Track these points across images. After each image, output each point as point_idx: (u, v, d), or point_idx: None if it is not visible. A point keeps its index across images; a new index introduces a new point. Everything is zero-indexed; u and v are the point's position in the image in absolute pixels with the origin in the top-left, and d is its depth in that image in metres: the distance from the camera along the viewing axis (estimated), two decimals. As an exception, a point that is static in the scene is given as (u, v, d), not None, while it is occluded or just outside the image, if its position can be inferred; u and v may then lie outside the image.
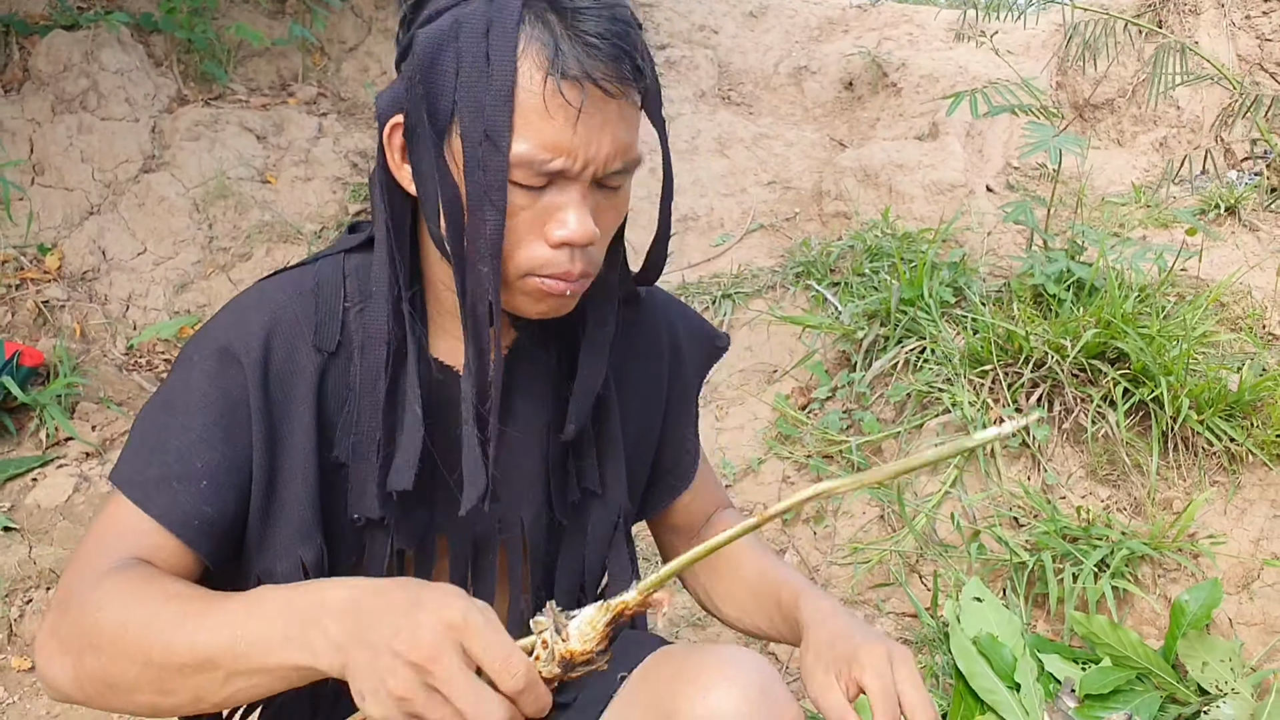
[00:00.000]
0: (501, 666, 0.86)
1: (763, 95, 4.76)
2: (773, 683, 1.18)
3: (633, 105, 1.06)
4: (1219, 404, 2.54)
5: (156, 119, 3.87)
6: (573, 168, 1.03)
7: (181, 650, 0.92)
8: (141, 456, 1.09)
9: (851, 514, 2.63)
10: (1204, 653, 2.11)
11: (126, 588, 0.98)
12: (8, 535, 2.60)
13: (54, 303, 3.31)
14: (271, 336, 1.13)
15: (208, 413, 1.10)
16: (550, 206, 1.05)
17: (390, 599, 0.88)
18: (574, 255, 1.06)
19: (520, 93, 1.01)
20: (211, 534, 1.09)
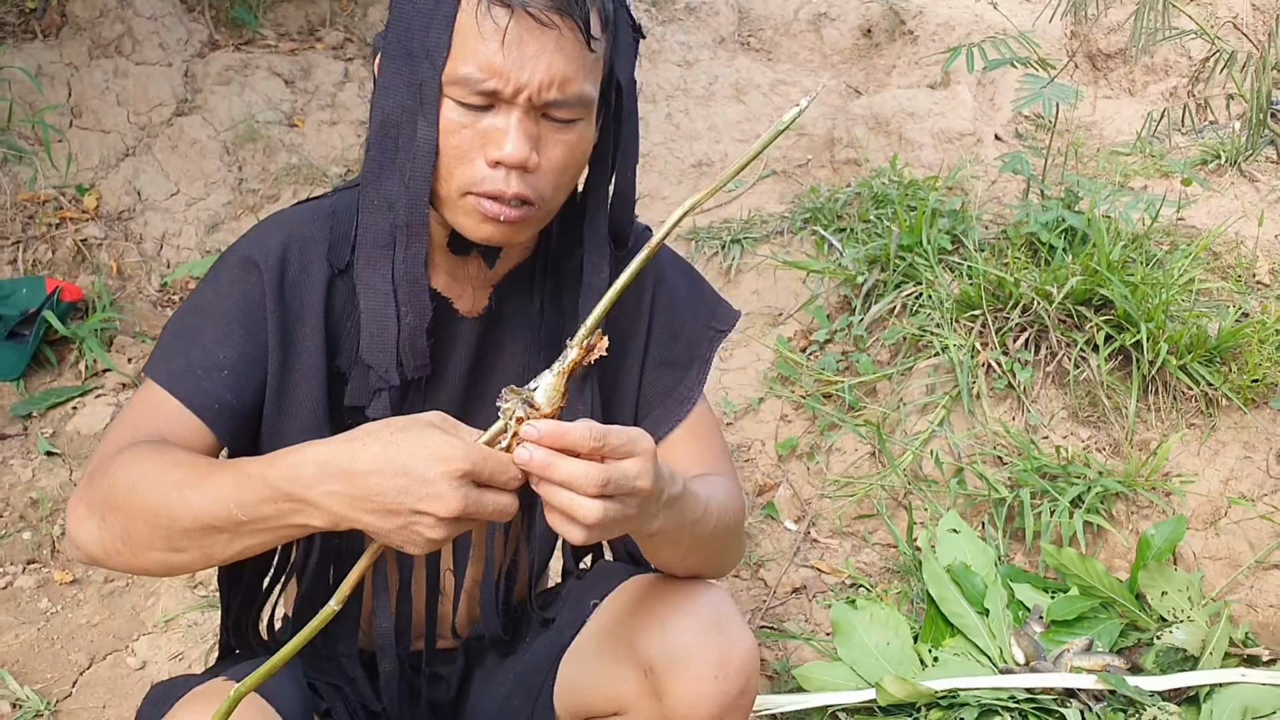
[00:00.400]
0: (504, 477, 0.99)
1: (782, 41, 4.83)
2: (728, 615, 1.29)
3: (576, 41, 1.14)
4: (1199, 349, 2.64)
5: (189, 63, 4.01)
6: (504, 89, 1.13)
7: (183, 516, 1.06)
8: (171, 350, 1.24)
9: (843, 450, 2.76)
10: (1163, 583, 2.24)
11: (139, 455, 1.12)
12: (50, 459, 2.78)
13: (92, 241, 3.48)
14: (288, 249, 1.26)
15: (231, 313, 1.24)
16: (489, 129, 1.15)
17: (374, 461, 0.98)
18: (509, 176, 1.15)
19: (461, 15, 1.13)
20: (230, 419, 1.23)
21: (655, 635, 1.27)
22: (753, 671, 1.29)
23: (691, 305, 1.46)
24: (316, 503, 1.00)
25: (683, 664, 1.25)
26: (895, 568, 2.46)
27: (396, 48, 1.17)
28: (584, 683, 1.38)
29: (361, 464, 0.98)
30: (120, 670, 2.20)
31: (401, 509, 0.97)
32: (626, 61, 1.25)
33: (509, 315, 1.38)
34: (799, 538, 2.59)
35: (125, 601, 2.37)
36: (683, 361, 1.45)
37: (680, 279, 1.47)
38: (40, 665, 2.20)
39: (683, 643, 1.25)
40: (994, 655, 2.17)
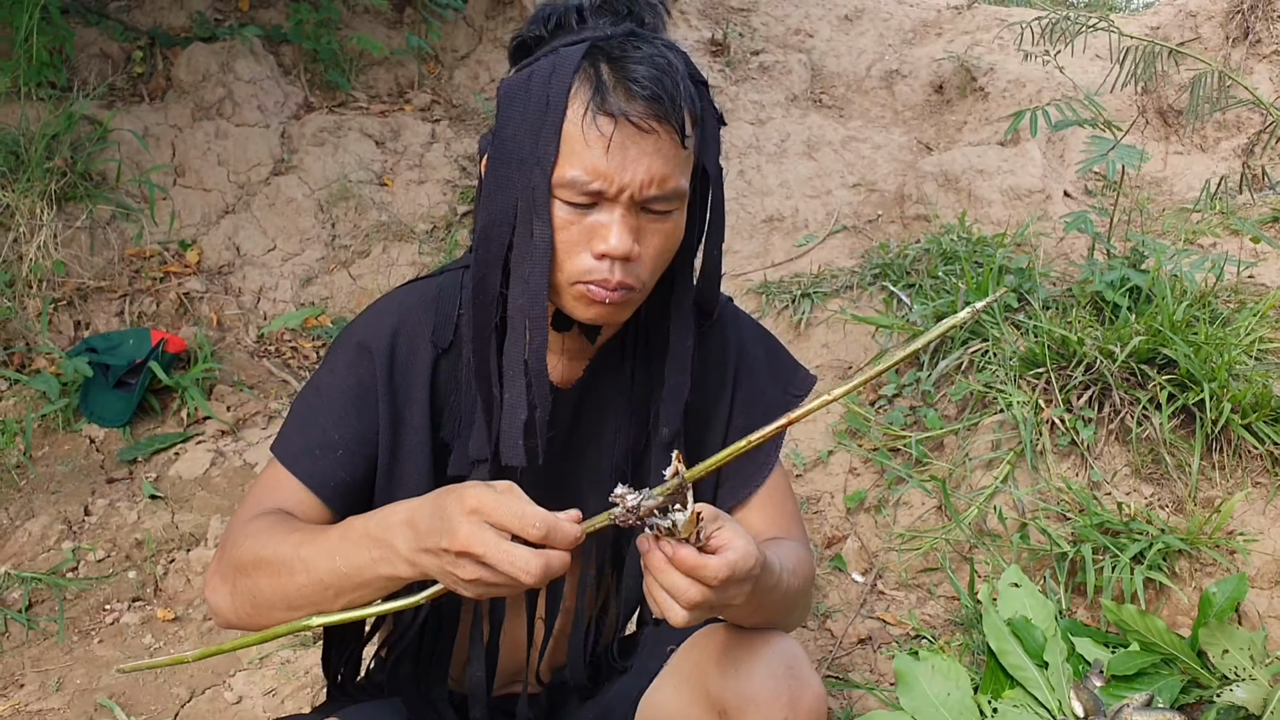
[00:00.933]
0: (519, 524, 1.07)
1: (854, 98, 4.93)
2: (799, 663, 1.37)
3: (672, 142, 1.24)
4: (1265, 408, 2.67)
5: (285, 125, 4.22)
6: (609, 190, 1.23)
7: (300, 573, 1.19)
8: (294, 430, 1.38)
9: (910, 504, 2.83)
10: (1225, 640, 2.27)
11: (265, 525, 1.26)
12: (154, 502, 2.95)
13: (194, 294, 3.68)
14: (397, 335, 1.39)
15: (345, 395, 1.37)
16: (595, 224, 1.26)
17: (430, 510, 1.11)
18: (614, 266, 1.26)
19: (568, 125, 1.23)
20: (345, 494, 1.36)
21: (730, 678, 1.35)
22: (820, 715, 1.37)
23: (771, 373, 1.55)
24: (395, 547, 1.13)
25: (754, 705, 1.33)
26: (958, 620, 2.52)
27: (505, 153, 1.27)
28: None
29: (423, 513, 1.12)
30: (218, 704, 2.34)
31: (436, 548, 1.09)
32: (713, 151, 1.34)
33: (600, 386, 1.47)
34: (866, 589, 2.66)
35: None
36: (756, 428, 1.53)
37: (759, 348, 1.56)
38: (144, 698, 2.35)
39: (755, 686, 1.33)
40: (1053, 708, 2.21)
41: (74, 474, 3.07)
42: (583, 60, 1.24)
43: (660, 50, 1.25)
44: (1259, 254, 3.41)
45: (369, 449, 1.38)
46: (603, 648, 1.63)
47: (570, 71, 1.23)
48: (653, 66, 1.23)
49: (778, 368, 1.57)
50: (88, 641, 2.52)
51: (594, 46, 1.25)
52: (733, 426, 1.52)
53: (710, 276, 1.44)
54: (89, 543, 2.81)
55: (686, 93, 1.26)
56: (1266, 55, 4.15)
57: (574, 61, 1.24)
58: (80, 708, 2.31)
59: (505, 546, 1.06)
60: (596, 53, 1.25)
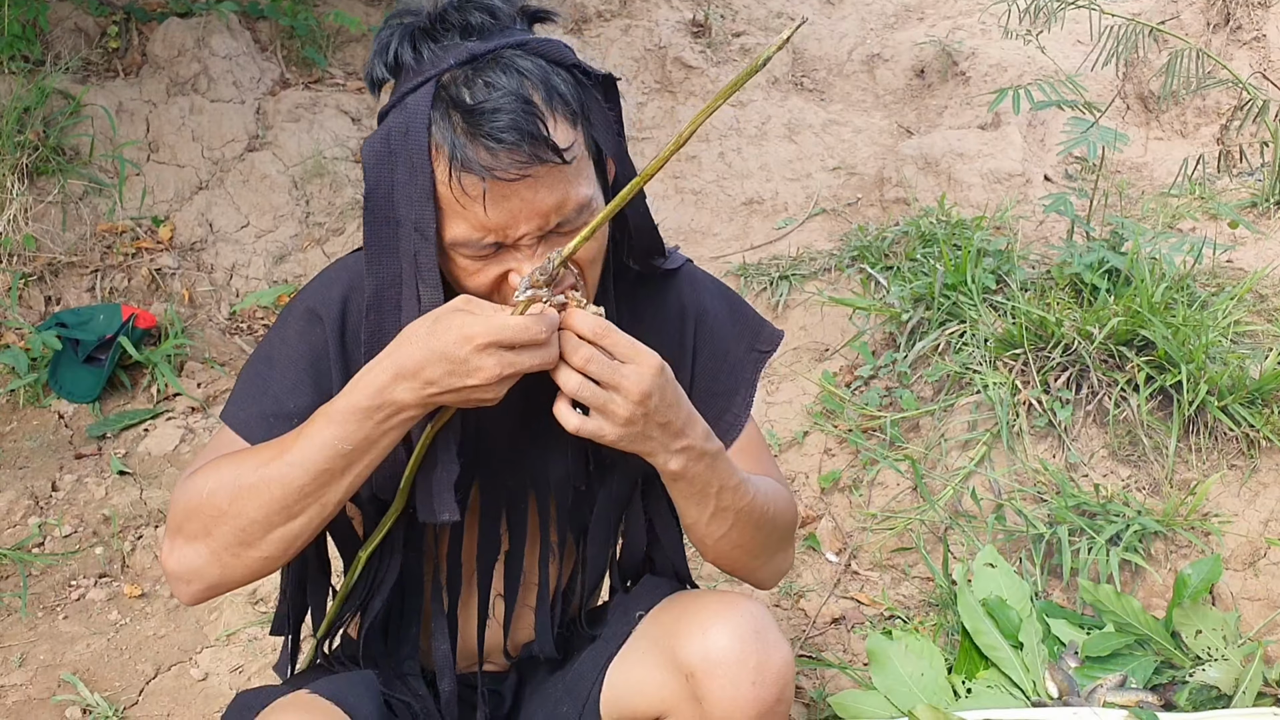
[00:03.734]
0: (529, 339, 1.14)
1: (835, 82, 4.91)
2: (766, 625, 1.37)
3: (553, 170, 1.18)
4: (1240, 391, 2.67)
5: (260, 101, 4.18)
6: (507, 239, 1.20)
7: (295, 477, 1.19)
8: (246, 398, 1.35)
9: (885, 485, 2.82)
10: (1198, 621, 2.26)
11: (221, 465, 1.24)
12: (122, 479, 2.92)
13: (166, 270, 3.64)
14: (348, 300, 1.36)
15: (299, 364, 1.35)
16: (506, 258, 1.23)
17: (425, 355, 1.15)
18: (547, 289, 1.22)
19: (439, 186, 1.19)
20: None
21: (697, 641, 1.34)
22: (788, 680, 1.36)
23: (735, 330, 1.53)
24: (401, 400, 1.17)
25: (722, 669, 1.32)
26: (932, 601, 2.51)
27: (381, 214, 1.23)
28: (629, 688, 1.46)
29: (414, 362, 1.15)
30: (184, 681, 2.31)
31: (456, 386, 1.14)
32: (607, 132, 1.28)
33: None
34: (839, 569, 2.64)
35: (190, 616, 2.49)
36: (729, 389, 1.51)
37: (721, 305, 1.53)
38: (109, 674, 2.32)
39: (722, 649, 1.33)
40: (1027, 688, 2.20)
41: (42, 449, 3.04)
42: (432, 112, 1.18)
43: (513, 74, 1.18)
44: (1237, 238, 3.41)
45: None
46: (570, 619, 1.61)
47: (422, 129, 1.18)
48: (507, 111, 1.15)
49: (743, 324, 1.54)
50: (53, 617, 2.48)
51: (440, 90, 1.18)
52: (695, 391, 1.49)
53: (644, 230, 1.41)
54: (56, 518, 2.77)
55: (556, 108, 1.20)
56: (1246, 42, 4.15)
57: (423, 116, 1.18)
58: (43, 683, 2.28)
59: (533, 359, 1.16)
60: (444, 100, 1.18)
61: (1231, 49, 4.10)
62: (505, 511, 1.49)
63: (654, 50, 4.80)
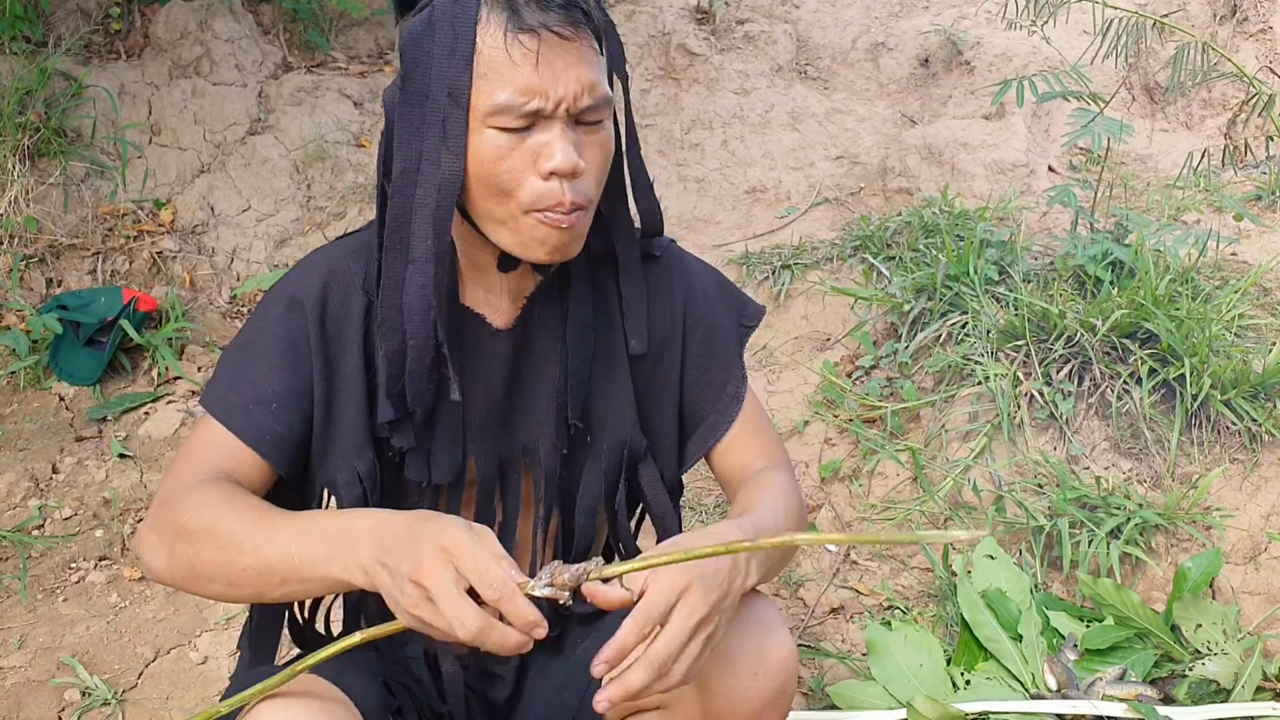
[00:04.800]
0: (480, 578, 1.06)
1: (839, 70, 4.89)
2: (771, 620, 1.36)
3: (590, 48, 1.24)
4: (1243, 385, 2.67)
5: (263, 84, 4.16)
6: (546, 106, 1.21)
7: (249, 554, 1.17)
8: (225, 385, 1.34)
9: (885, 475, 2.82)
10: (1198, 615, 2.27)
11: (214, 497, 1.23)
12: (122, 461, 2.91)
13: (167, 254, 3.63)
14: (328, 286, 1.36)
15: (277, 349, 1.34)
16: (536, 145, 1.23)
17: (403, 530, 1.11)
18: (564, 186, 1.23)
19: (488, 52, 1.21)
20: (282, 448, 1.33)
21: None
22: (791, 673, 1.36)
23: (724, 305, 1.55)
24: (355, 553, 1.12)
25: (724, 660, 1.31)
26: (931, 592, 2.51)
27: (416, 94, 1.24)
28: None
29: (393, 530, 1.11)
30: (183, 664, 2.31)
31: (395, 569, 1.08)
32: (620, 62, 1.33)
33: (540, 325, 1.44)
34: (839, 559, 2.64)
35: (189, 599, 2.48)
36: (725, 362, 1.53)
37: (709, 282, 1.55)
38: (108, 656, 2.32)
39: (726, 640, 1.30)
40: (1026, 680, 2.21)
41: (42, 431, 3.03)
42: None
43: None
44: (1241, 231, 3.40)
45: (304, 402, 1.35)
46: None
47: (475, 2, 1.21)
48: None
49: (729, 300, 1.56)
50: (52, 599, 2.48)
51: None
52: (689, 368, 1.51)
53: (642, 186, 1.42)
54: (56, 500, 2.76)
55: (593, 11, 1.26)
56: (1253, 34, 4.13)
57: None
58: (42, 665, 2.28)
59: (455, 596, 1.05)
60: None
61: (1238, 41, 4.09)
62: (499, 482, 1.49)
63: (658, 37, 4.78)
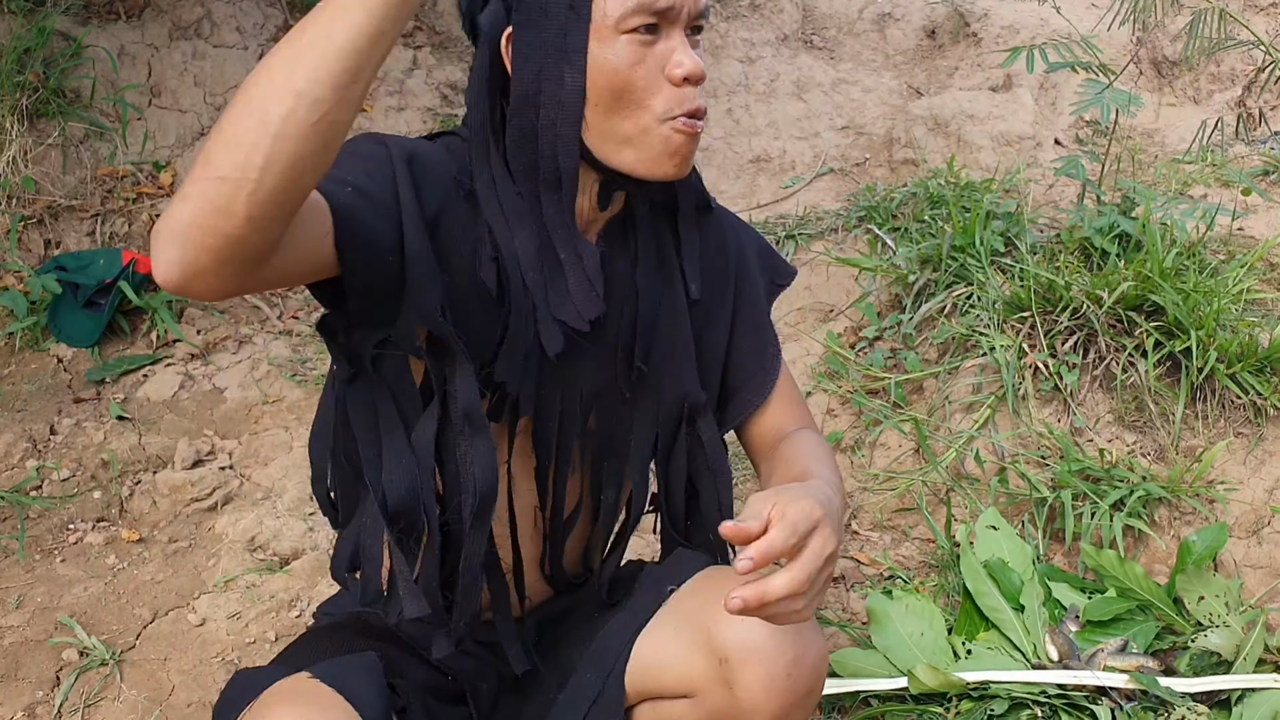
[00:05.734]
0: None
1: (845, 40, 4.86)
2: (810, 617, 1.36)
3: None
4: (1249, 359, 2.65)
5: (264, 47, 4.12)
6: (675, 6, 1.24)
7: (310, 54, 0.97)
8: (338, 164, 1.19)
9: (888, 446, 2.80)
10: (1201, 588, 2.26)
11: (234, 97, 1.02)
12: (120, 424, 2.90)
13: (166, 216, 3.60)
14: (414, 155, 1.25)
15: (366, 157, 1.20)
16: (662, 53, 1.26)
17: None
18: (696, 92, 1.27)
19: None
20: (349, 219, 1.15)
21: (735, 626, 1.31)
22: (822, 672, 1.35)
23: (762, 264, 1.56)
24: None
25: (757, 657, 1.30)
26: (933, 562, 2.50)
27: (531, 10, 1.24)
28: (658, 663, 1.42)
29: None
30: (181, 626, 2.30)
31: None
32: None
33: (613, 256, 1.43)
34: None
35: (188, 561, 2.48)
36: (762, 322, 1.54)
37: (752, 240, 1.57)
38: (106, 617, 2.31)
39: (759, 637, 1.30)
40: (1027, 651, 2.20)
41: (40, 393, 3.02)
42: None
43: None
44: (1249, 206, 3.38)
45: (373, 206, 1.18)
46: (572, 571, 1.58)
47: None
48: None
49: (766, 259, 1.58)
50: (50, 560, 2.47)
51: None
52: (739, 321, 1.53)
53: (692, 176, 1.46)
54: (54, 461, 2.75)
55: None
56: (1264, 8, 4.10)
57: None
58: (40, 625, 2.27)
59: None
60: None
61: (1248, 15, 4.05)
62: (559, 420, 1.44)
63: (663, 4, 4.74)
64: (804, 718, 1.37)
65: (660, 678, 1.42)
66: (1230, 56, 3.99)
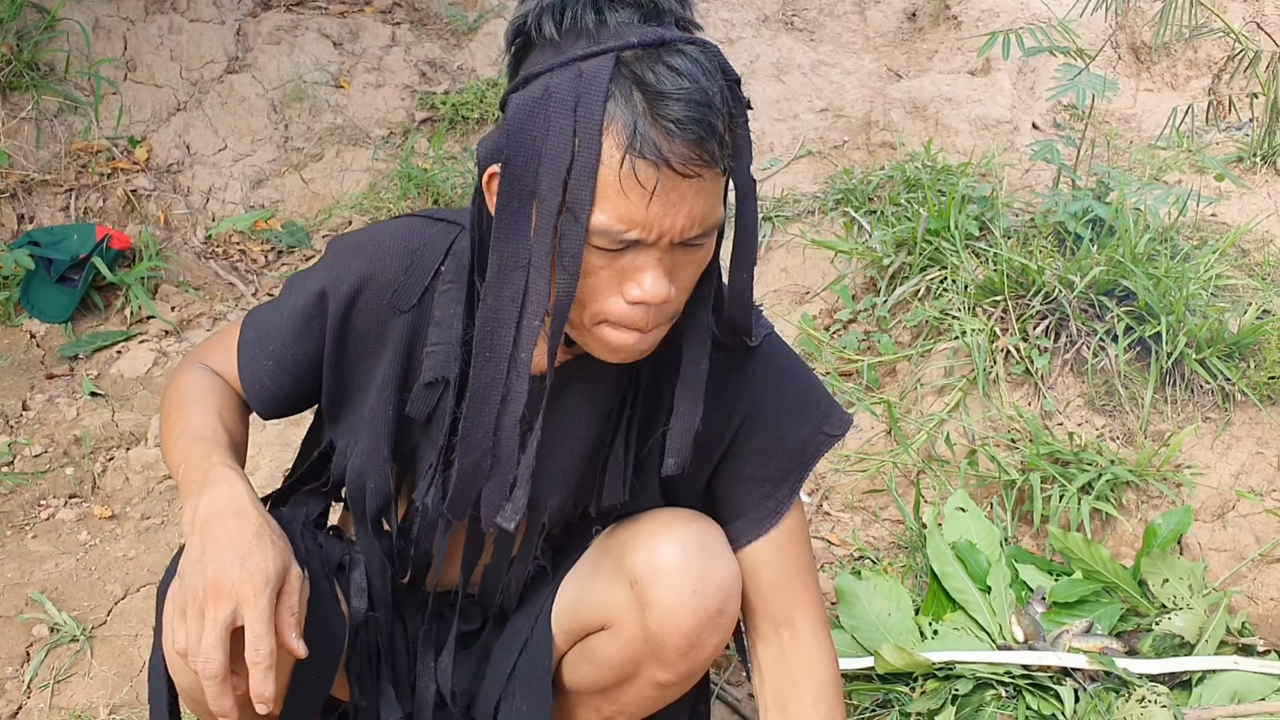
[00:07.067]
0: (252, 638, 1.12)
1: (825, 22, 4.85)
2: (713, 539, 1.37)
3: (714, 177, 1.11)
4: (1218, 344, 2.67)
5: (241, 22, 4.10)
6: (648, 238, 1.11)
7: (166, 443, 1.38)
8: (264, 314, 1.44)
9: (860, 428, 2.82)
10: (1166, 570, 2.28)
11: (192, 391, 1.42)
12: (94, 400, 2.89)
13: (141, 192, 3.58)
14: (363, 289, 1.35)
15: (296, 318, 1.39)
16: (628, 267, 1.13)
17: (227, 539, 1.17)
18: (648, 312, 1.15)
19: (600, 168, 1.08)
20: (263, 399, 1.44)
21: (644, 550, 1.36)
22: (731, 593, 1.37)
23: (802, 414, 1.43)
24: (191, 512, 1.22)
25: (664, 576, 1.33)
26: (902, 543, 2.52)
27: (521, 187, 1.12)
28: (578, 598, 1.48)
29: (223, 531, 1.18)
30: (153, 602, 2.29)
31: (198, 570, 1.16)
32: (745, 159, 1.17)
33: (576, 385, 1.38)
34: (811, 510, 2.65)
35: (160, 538, 2.48)
36: (779, 474, 1.43)
37: (794, 388, 1.44)
38: (78, 594, 2.31)
39: (666, 556, 1.34)
40: (993, 632, 2.22)
41: (12, 368, 3.00)
42: (610, 86, 1.07)
43: (695, 65, 1.08)
44: (1222, 192, 3.40)
45: (299, 371, 1.40)
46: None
47: (599, 102, 1.07)
48: (692, 99, 1.07)
49: (812, 408, 1.44)
50: (21, 536, 2.47)
51: (619, 63, 1.08)
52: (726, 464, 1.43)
53: (740, 302, 1.29)
54: (26, 437, 2.74)
55: (725, 125, 1.10)
56: (1242, -6, 4.11)
57: (601, 88, 1.07)
58: (11, 601, 2.27)
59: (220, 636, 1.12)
60: (624, 76, 1.08)
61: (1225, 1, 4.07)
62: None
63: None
64: (718, 642, 1.38)
65: (581, 612, 1.47)
66: (1208, 43, 4.01)
